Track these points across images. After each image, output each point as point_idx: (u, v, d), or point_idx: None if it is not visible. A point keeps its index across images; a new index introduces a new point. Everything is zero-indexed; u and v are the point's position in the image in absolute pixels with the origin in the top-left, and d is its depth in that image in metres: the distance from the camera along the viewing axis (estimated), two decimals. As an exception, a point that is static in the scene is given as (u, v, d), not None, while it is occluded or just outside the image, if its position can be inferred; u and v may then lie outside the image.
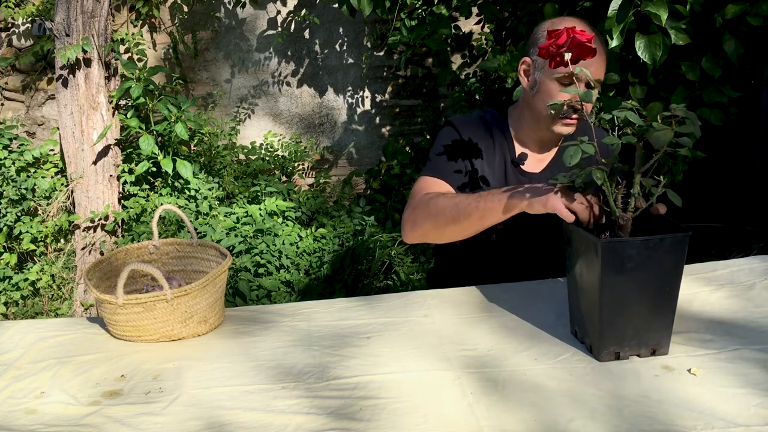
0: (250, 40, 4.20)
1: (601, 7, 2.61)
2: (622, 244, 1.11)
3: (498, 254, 1.67)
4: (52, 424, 1.06)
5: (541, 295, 1.46)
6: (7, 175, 3.45)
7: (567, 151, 1.14)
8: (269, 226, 3.50)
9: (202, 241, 1.58)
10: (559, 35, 1.17)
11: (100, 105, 3.42)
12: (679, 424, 0.98)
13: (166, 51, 4.10)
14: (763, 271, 1.51)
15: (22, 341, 1.34)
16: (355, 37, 4.26)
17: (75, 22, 3.29)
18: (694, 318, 1.31)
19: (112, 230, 3.53)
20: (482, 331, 1.31)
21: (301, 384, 1.14)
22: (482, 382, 1.12)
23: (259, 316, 1.43)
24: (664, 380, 1.11)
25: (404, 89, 4.38)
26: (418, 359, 1.21)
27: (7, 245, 3.52)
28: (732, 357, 1.16)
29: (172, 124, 3.46)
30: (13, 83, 3.97)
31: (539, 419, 1.01)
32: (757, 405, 1.02)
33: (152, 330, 1.32)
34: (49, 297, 3.42)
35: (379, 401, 1.08)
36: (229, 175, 3.86)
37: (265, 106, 4.30)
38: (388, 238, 3.53)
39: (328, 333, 1.33)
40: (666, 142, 1.06)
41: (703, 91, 2.64)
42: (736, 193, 3.53)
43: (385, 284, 3.36)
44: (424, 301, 1.46)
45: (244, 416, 1.06)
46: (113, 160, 3.52)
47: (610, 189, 1.15)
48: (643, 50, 2.44)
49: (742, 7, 2.42)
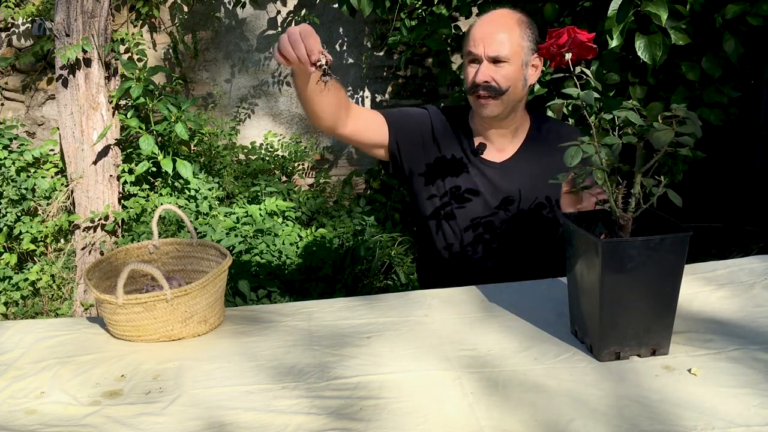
0: (250, 40, 4.20)
1: (601, 7, 2.61)
2: (623, 244, 1.11)
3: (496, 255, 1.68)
4: (52, 424, 1.06)
5: (541, 295, 1.46)
6: (7, 175, 3.45)
7: (567, 152, 1.14)
8: (269, 226, 3.49)
9: (202, 241, 1.58)
10: (559, 35, 1.17)
11: (100, 105, 3.42)
12: (679, 424, 0.98)
13: (166, 51, 4.10)
14: (763, 271, 1.51)
15: (22, 341, 1.34)
16: (355, 37, 4.26)
17: (75, 22, 3.29)
18: (694, 318, 1.31)
19: (112, 230, 3.53)
20: (482, 331, 1.31)
21: (301, 384, 1.14)
22: (482, 382, 1.12)
23: (259, 316, 1.43)
24: (665, 380, 1.11)
25: (404, 89, 4.38)
26: (419, 359, 1.21)
27: (7, 245, 3.52)
28: (732, 357, 1.16)
29: (172, 124, 3.46)
30: (13, 83, 3.97)
31: (539, 419, 1.01)
32: (757, 405, 1.02)
33: (152, 330, 1.32)
34: (49, 297, 3.41)
35: (379, 401, 1.08)
36: (229, 175, 3.85)
37: (265, 106, 4.30)
38: (388, 238, 3.53)
39: (329, 333, 1.33)
40: (666, 142, 1.06)
41: (703, 91, 2.64)
42: (736, 193, 3.53)
43: (385, 284, 3.36)
44: (424, 301, 1.46)
45: (244, 416, 1.05)
46: (113, 160, 3.51)
47: (610, 189, 1.15)
48: (643, 50, 2.44)
49: (742, 7, 2.42)
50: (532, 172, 1.63)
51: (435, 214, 1.68)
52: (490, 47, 1.54)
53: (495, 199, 1.63)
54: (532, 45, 1.58)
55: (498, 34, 1.54)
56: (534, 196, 1.63)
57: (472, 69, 1.58)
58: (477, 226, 1.65)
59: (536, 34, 1.60)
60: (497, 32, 1.55)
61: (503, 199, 1.63)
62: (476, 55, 1.56)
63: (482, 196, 1.64)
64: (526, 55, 1.57)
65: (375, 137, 1.64)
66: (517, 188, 1.63)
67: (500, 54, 1.54)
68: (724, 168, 3.48)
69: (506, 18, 1.58)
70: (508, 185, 1.63)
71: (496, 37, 1.54)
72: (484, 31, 1.56)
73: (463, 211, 1.65)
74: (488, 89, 1.55)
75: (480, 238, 1.64)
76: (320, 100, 1.45)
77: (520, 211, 1.64)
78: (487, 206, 1.64)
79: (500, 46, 1.54)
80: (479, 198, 1.64)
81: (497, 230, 1.64)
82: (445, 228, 1.68)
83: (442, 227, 1.68)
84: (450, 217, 1.66)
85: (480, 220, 1.65)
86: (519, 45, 1.56)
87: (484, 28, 1.57)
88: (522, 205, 1.63)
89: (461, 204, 1.65)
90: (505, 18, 1.58)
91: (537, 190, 1.63)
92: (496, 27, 1.56)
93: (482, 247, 1.66)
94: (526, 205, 1.63)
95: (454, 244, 1.68)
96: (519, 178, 1.64)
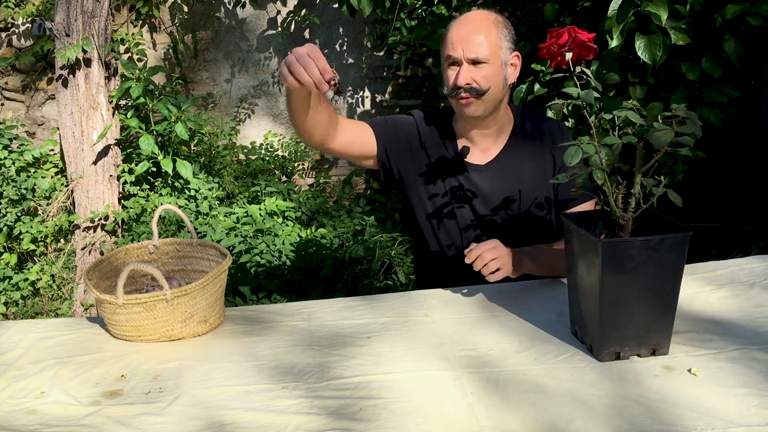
0: (250, 40, 4.20)
1: (601, 7, 2.61)
2: (623, 244, 1.11)
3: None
4: (52, 424, 1.06)
5: (541, 295, 1.46)
6: (7, 175, 3.45)
7: (567, 151, 1.14)
8: (269, 226, 3.49)
9: (202, 241, 1.58)
10: (560, 35, 1.17)
11: (100, 105, 3.42)
12: (679, 424, 0.98)
13: (166, 51, 4.10)
14: (763, 271, 1.51)
15: (22, 341, 1.34)
16: (355, 37, 4.26)
17: (75, 22, 3.29)
18: (694, 318, 1.31)
19: (112, 230, 3.53)
20: (482, 331, 1.31)
21: (301, 384, 1.14)
22: (482, 382, 1.12)
23: (259, 316, 1.43)
24: (665, 380, 1.11)
25: (404, 89, 4.38)
26: (418, 359, 1.21)
27: (7, 245, 3.52)
28: (732, 357, 1.16)
29: (172, 124, 3.46)
30: (13, 83, 3.97)
31: (539, 419, 1.01)
32: (757, 405, 1.02)
33: (152, 330, 1.32)
34: (49, 297, 3.41)
35: (379, 401, 1.08)
36: (229, 175, 3.85)
37: (265, 106, 4.30)
38: (388, 238, 3.53)
39: (328, 333, 1.33)
40: (666, 142, 1.06)
41: (703, 91, 2.64)
42: (736, 193, 3.53)
43: (385, 284, 3.35)
44: (424, 301, 1.46)
45: (244, 416, 1.05)
46: (113, 160, 3.51)
47: (610, 189, 1.15)
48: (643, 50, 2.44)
49: (742, 7, 2.42)
50: (518, 171, 1.64)
51: (427, 218, 1.69)
52: (469, 49, 1.54)
53: (483, 200, 1.64)
54: (509, 44, 1.59)
55: (476, 36, 1.54)
56: (522, 194, 1.64)
57: (452, 72, 1.58)
58: (468, 228, 1.65)
59: (513, 33, 1.61)
60: (475, 34, 1.54)
61: (491, 200, 1.64)
62: (455, 57, 1.56)
63: (470, 199, 1.65)
64: (504, 54, 1.57)
65: (363, 149, 1.65)
66: (504, 188, 1.64)
67: (479, 55, 1.53)
68: (724, 168, 3.48)
69: (482, 19, 1.58)
70: (495, 186, 1.64)
71: (474, 39, 1.54)
72: (461, 33, 1.56)
73: (454, 215, 1.66)
74: (470, 90, 1.55)
75: (472, 239, 1.64)
76: (314, 117, 1.45)
77: (509, 210, 1.64)
78: (476, 209, 1.65)
79: (479, 47, 1.53)
80: (468, 201, 1.65)
81: (489, 231, 1.64)
82: (437, 231, 1.68)
83: (434, 231, 1.69)
84: (441, 220, 1.67)
85: (471, 222, 1.65)
86: (497, 45, 1.55)
87: (462, 30, 1.56)
88: (511, 204, 1.64)
89: (451, 208, 1.66)
90: (482, 19, 1.58)
91: (525, 188, 1.64)
92: (473, 28, 1.55)
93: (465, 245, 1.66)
94: (514, 204, 1.64)
95: (447, 247, 1.68)
96: (505, 177, 1.64)
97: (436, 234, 1.69)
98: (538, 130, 1.67)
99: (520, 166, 1.64)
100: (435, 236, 1.69)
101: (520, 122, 1.69)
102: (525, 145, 1.66)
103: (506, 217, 1.64)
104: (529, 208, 1.64)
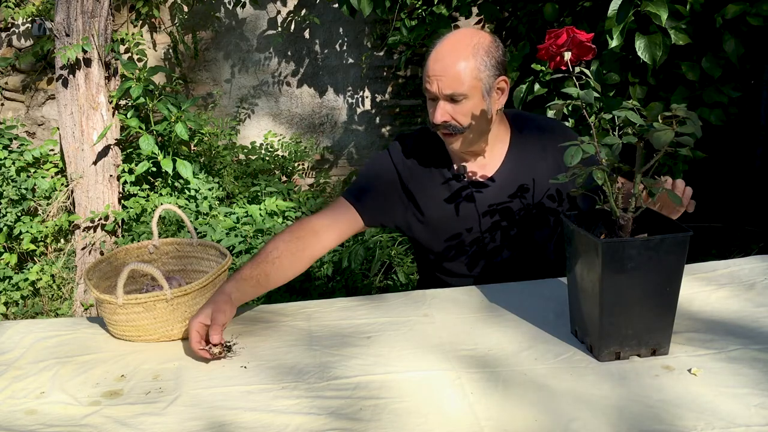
0: (250, 40, 4.20)
1: (601, 7, 2.61)
2: (623, 244, 1.11)
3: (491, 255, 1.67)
4: (52, 424, 1.06)
5: (541, 295, 1.46)
6: (7, 175, 3.45)
7: (567, 152, 1.14)
8: (269, 226, 3.49)
9: (202, 240, 1.58)
10: (558, 35, 1.17)
11: (100, 105, 3.42)
12: (679, 424, 0.98)
13: (166, 51, 4.10)
14: (763, 271, 1.51)
15: (22, 341, 1.34)
16: (355, 37, 4.26)
17: (75, 22, 3.29)
18: (694, 318, 1.31)
19: (112, 230, 3.53)
20: (482, 331, 1.31)
21: (301, 384, 1.14)
22: (482, 382, 1.12)
23: (259, 316, 1.43)
24: (665, 380, 1.11)
25: (404, 89, 4.38)
26: (419, 359, 1.21)
27: (7, 245, 3.52)
28: (732, 357, 1.16)
29: (172, 124, 3.46)
30: (13, 83, 3.97)
31: (539, 419, 1.01)
32: (758, 405, 1.02)
33: (152, 330, 1.32)
34: (49, 297, 3.42)
35: (379, 401, 1.08)
36: (229, 175, 3.85)
37: (265, 106, 4.30)
38: (388, 238, 3.52)
39: (329, 333, 1.33)
40: (666, 142, 1.06)
41: (703, 91, 2.65)
42: (736, 193, 3.53)
43: (385, 284, 3.35)
44: (424, 300, 1.46)
45: (244, 416, 1.05)
46: (113, 160, 3.51)
47: (610, 189, 1.15)
48: (643, 50, 2.44)
49: (742, 7, 2.42)
50: (522, 179, 1.60)
51: (433, 243, 1.64)
52: (445, 85, 1.44)
53: (489, 217, 1.59)
54: (493, 71, 1.47)
55: (452, 69, 1.43)
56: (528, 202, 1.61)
57: (431, 106, 1.51)
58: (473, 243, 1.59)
59: (500, 54, 1.49)
60: (451, 67, 1.43)
61: (497, 215, 1.59)
62: (432, 93, 1.48)
63: (475, 218, 1.59)
64: (486, 83, 1.46)
65: (357, 229, 1.60)
66: (510, 199, 1.58)
67: (456, 91, 1.44)
68: (724, 168, 3.48)
69: (461, 47, 1.45)
70: (500, 199, 1.59)
71: (449, 73, 1.43)
72: (437, 68, 1.46)
73: (461, 236, 1.61)
74: (448, 128, 1.48)
75: (482, 257, 1.61)
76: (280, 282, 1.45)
77: (516, 222, 1.61)
78: (483, 226, 1.59)
79: (455, 82, 1.43)
80: (477, 219, 1.60)
81: (498, 247, 1.61)
82: (446, 253, 1.63)
83: (443, 253, 1.64)
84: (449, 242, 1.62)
85: (480, 239, 1.61)
86: (476, 78, 1.44)
87: (438, 65, 1.46)
88: (518, 216, 1.60)
89: (457, 230, 1.60)
90: (460, 47, 1.45)
91: (531, 196, 1.61)
92: (450, 61, 1.44)
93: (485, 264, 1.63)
94: (522, 215, 1.60)
95: (456, 269, 1.64)
96: (509, 188, 1.59)
97: (443, 257, 1.64)
98: (537, 131, 1.65)
99: (525, 173, 1.59)
100: (442, 259, 1.64)
101: (518, 128, 1.63)
102: (526, 151, 1.62)
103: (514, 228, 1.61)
104: (536, 213, 1.60)
